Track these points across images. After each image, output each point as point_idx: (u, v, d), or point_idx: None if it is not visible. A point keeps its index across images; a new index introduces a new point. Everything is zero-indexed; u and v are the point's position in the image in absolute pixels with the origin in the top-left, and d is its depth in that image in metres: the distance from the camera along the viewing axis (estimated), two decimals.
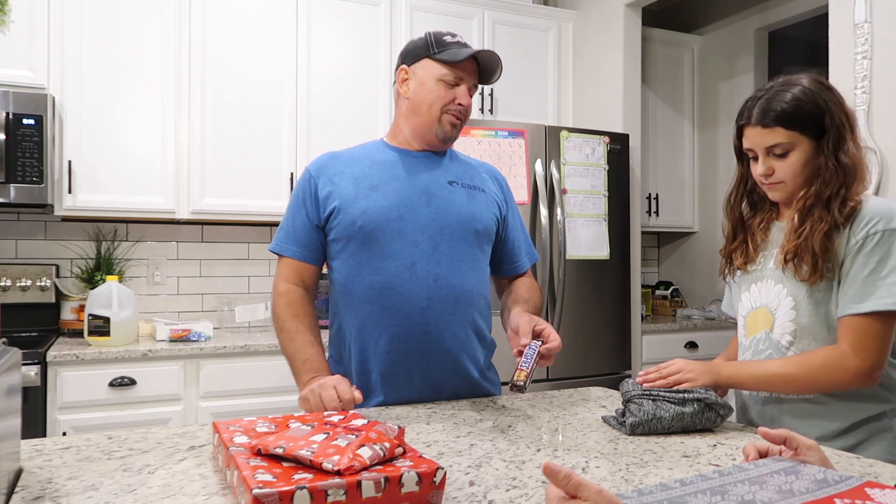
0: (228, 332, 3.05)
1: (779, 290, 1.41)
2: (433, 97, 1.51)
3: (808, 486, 0.88)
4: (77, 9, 2.73)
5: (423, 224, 1.51)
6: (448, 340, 1.51)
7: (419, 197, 1.52)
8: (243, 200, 2.99)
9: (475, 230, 1.56)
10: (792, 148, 1.37)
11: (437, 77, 1.51)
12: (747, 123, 1.42)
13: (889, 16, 2.20)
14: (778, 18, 3.67)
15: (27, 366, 2.34)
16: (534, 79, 3.60)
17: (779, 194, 1.43)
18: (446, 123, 1.52)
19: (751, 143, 1.42)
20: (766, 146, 1.39)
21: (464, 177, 1.60)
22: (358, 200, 1.50)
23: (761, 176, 1.41)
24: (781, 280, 1.41)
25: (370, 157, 1.58)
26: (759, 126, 1.39)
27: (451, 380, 1.53)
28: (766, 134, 1.38)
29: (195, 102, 2.91)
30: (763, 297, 1.45)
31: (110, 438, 1.18)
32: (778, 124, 1.37)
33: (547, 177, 3.12)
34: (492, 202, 1.61)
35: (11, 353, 0.94)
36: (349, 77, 3.17)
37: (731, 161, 3.85)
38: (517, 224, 1.70)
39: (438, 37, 1.53)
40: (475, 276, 1.56)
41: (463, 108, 1.53)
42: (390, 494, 0.80)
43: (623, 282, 3.29)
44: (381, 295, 1.49)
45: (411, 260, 1.49)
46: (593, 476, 0.99)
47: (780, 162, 1.39)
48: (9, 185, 2.52)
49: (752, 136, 1.41)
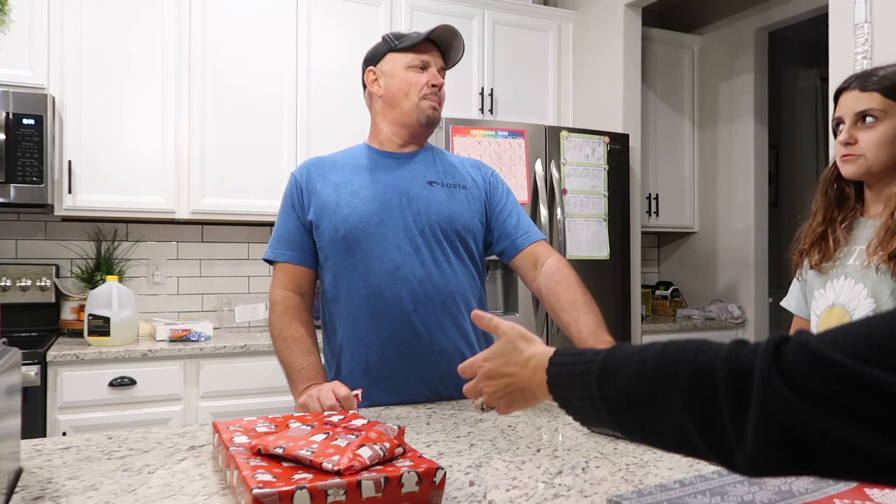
0: (228, 332, 3.05)
1: (859, 290, 1.35)
2: (406, 85, 1.53)
3: (808, 486, 0.88)
4: (77, 9, 2.73)
5: (403, 227, 1.50)
6: (440, 342, 1.50)
7: (398, 200, 1.52)
8: (243, 200, 2.99)
9: (456, 230, 1.54)
10: (883, 118, 1.31)
11: (404, 65, 1.54)
12: (846, 88, 1.36)
13: (889, 16, 2.20)
14: (778, 18, 3.66)
15: (27, 366, 2.34)
16: (534, 79, 3.60)
17: (853, 168, 1.35)
18: (426, 107, 1.53)
19: (842, 110, 1.35)
20: (857, 110, 1.33)
21: (444, 176, 1.58)
22: (339, 208, 1.50)
23: (841, 144, 1.35)
24: (864, 279, 1.34)
25: (352, 161, 1.58)
26: (856, 90, 1.33)
27: (447, 382, 1.52)
28: (860, 98, 1.32)
29: (195, 102, 2.91)
30: (839, 295, 1.39)
31: (110, 438, 1.18)
32: (876, 89, 1.31)
33: (547, 177, 3.12)
34: (473, 198, 1.59)
35: (11, 353, 0.94)
36: (349, 79, 3.17)
37: (731, 161, 3.86)
38: (513, 207, 1.63)
39: (396, 33, 1.58)
40: (461, 276, 1.54)
41: (436, 88, 1.54)
42: (390, 494, 0.80)
43: (623, 282, 3.29)
44: (367, 301, 1.48)
45: (394, 264, 1.48)
46: (593, 476, 0.99)
47: (866, 132, 1.32)
48: (9, 185, 2.52)
49: (845, 102, 1.35)
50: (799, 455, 0.52)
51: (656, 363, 0.62)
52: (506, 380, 0.85)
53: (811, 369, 0.51)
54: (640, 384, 0.63)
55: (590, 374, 0.69)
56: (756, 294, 3.76)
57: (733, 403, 0.55)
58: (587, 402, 0.69)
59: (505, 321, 0.92)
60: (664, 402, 0.60)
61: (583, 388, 0.70)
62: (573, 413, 0.73)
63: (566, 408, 0.74)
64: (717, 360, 0.57)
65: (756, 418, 0.53)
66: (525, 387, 0.82)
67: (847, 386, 0.49)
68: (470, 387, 0.92)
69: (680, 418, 0.59)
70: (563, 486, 0.95)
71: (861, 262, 1.36)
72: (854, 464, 0.50)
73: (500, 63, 3.50)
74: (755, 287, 3.76)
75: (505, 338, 0.88)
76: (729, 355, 0.57)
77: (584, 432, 1.24)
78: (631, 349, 0.67)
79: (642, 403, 0.62)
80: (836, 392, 0.49)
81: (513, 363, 0.84)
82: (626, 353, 0.67)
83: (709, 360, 0.58)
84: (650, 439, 0.64)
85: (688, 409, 0.58)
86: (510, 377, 0.85)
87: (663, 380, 0.60)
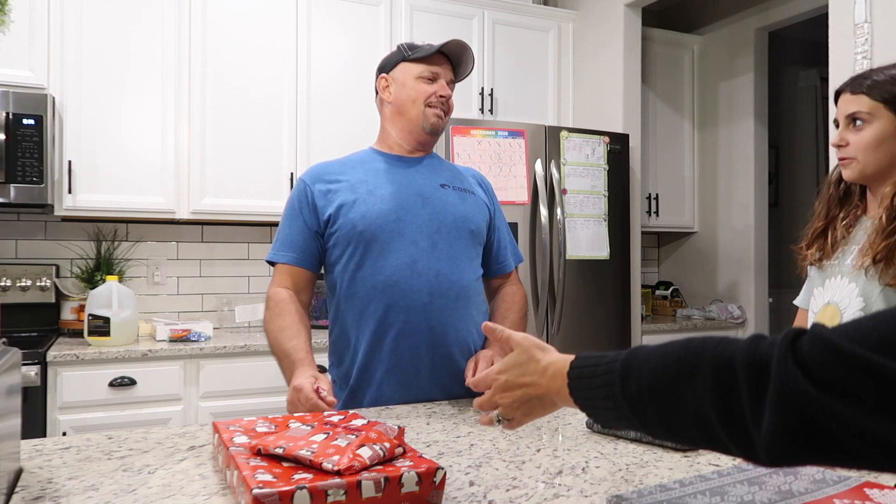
0: (228, 332, 3.05)
1: (851, 289, 1.37)
2: (415, 94, 1.58)
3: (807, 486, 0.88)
4: (77, 9, 2.73)
5: (420, 224, 1.55)
6: (451, 335, 1.54)
7: (415, 199, 1.57)
8: (243, 200, 2.99)
9: (469, 230, 1.61)
10: (870, 120, 1.33)
11: (415, 75, 1.59)
12: (843, 90, 1.39)
13: (889, 16, 2.20)
14: (778, 18, 3.66)
15: (27, 366, 2.34)
16: (534, 79, 3.60)
17: (849, 172, 1.38)
18: (431, 115, 1.59)
19: (837, 113, 1.39)
20: (847, 113, 1.36)
21: (454, 180, 1.66)
22: (357, 205, 1.54)
23: (834, 145, 1.38)
24: (856, 279, 1.36)
25: (364, 164, 1.63)
26: (848, 92, 1.37)
27: (458, 377, 1.54)
28: (851, 100, 1.36)
29: (195, 102, 2.91)
30: (833, 293, 1.41)
31: (110, 438, 1.18)
32: (864, 92, 1.34)
33: (547, 177, 3.12)
34: (481, 205, 1.67)
35: (11, 353, 0.94)
36: (349, 79, 3.17)
37: (731, 161, 3.86)
38: (503, 226, 1.76)
39: (411, 44, 1.62)
40: (472, 273, 1.61)
41: (444, 99, 1.59)
42: (390, 494, 0.80)
43: (623, 282, 3.29)
44: (383, 293, 1.51)
45: (412, 258, 1.52)
46: (593, 476, 0.99)
47: (855, 135, 1.35)
48: (9, 185, 2.52)
49: (840, 105, 1.38)
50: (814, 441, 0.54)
51: (678, 355, 0.65)
52: (523, 390, 0.85)
53: (824, 358, 0.54)
54: (663, 376, 0.65)
55: (612, 372, 0.71)
56: (756, 294, 3.76)
57: (752, 391, 0.57)
58: (608, 400, 0.72)
59: (518, 332, 0.92)
60: (687, 390, 0.63)
61: (605, 388, 0.72)
62: (594, 414, 0.75)
63: (587, 409, 0.76)
64: (738, 350, 0.60)
65: (772, 405, 0.55)
66: (544, 394, 0.83)
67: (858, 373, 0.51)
68: (484, 400, 0.91)
69: (701, 407, 0.61)
70: (563, 486, 0.95)
71: (855, 262, 1.37)
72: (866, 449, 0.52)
73: (500, 63, 3.50)
74: (755, 287, 3.76)
75: (519, 349, 0.88)
76: (749, 346, 0.60)
77: (584, 432, 1.24)
78: (652, 347, 0.70)
79: (665, 395, 0.65)
80: (848, 379, 0.52)
81: (530, 373, 0.85)
82: (648, 350, 0.70)
83: (729, 350, 0.61)
84: (671, 431, 0.66)
85: (709, 396, 0.60)
86: (528, 387, 0.85)
87: (685, 370, 0.63)
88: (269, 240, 3.36)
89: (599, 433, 1.23)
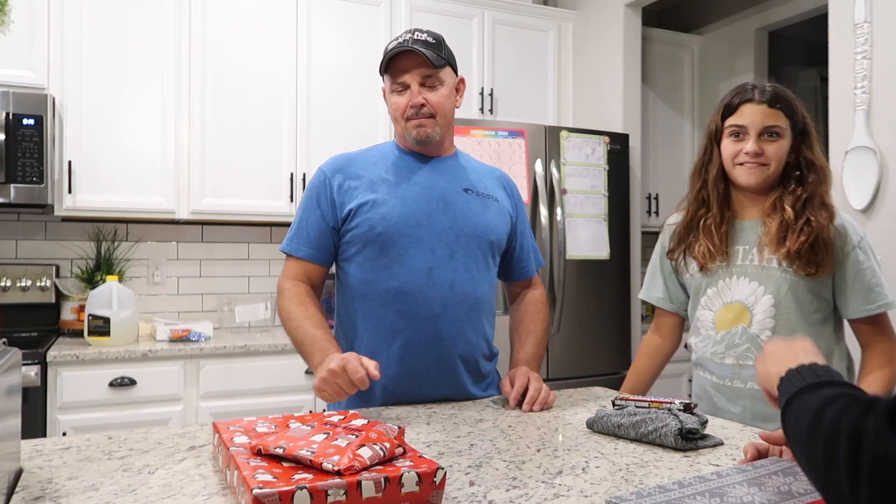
0: (228, 333, 3.05)
1: (754, 287, 1.49)
2: (393, 109, 1.53)
3: (807, 487, 0.88)
4: (77, 9, 2.73)
5: (439, 231, 1.51)
6: (460, 346, 1.52)
7: (436, 204, 1.52)
8: (243, 200, 2.99)
9: (489, 241, 1.56)
10: (784, 134, 1.47)
11: (389, 90, 1.53)
12: (750, 100, 1.48)
13: (889, 16, 2.20)
14: (778, 18, 3.66)
15: (27, 366, 2.34)
16: (534, 79, 3.60)
17: (756, 177, 1.48)
18: (412, 129, 1.51)
19: (748, 120, 1.47)
20: (765, 125, 1.46)
21: (478, 185, 1.60)
22: (377, 206, 1.50)
23: (750, 154, 1.47)
24: (759, 276, 1.48)
25: (386, 160, 1.57)
26: (764, 104, 1.46)
27: (461, 389, 1.54)
28: (769, 114, 1.46)
29: (195, 102, 2.91)
30: (735, 292, 1.52)
31: (110, 438, 1.18)
32: (781, 107, 1.46)
33: (547, 177, 3.12)
34: (504, 212, 1.62)
35: (11, 353, 0.94)
36: (349, 79, 3.17)
37: None
38: (526, 229, 1.71)
39: (387, 49, 1.51)
40: (487, 285, 1.58)
41: (416, 107, 1.48)
42: (390, 494, 0.80)
43: (623, 281, 3.29)
44: (396, 299, 1.48)
45: (428, 266, 1.49)
46: (593, 476, 0.99)
47: (770, 145, 1.47)
48: (9, 185, 2.52)
49: (751, 114, 1.47)
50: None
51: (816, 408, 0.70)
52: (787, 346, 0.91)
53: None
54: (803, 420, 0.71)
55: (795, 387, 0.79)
56: None
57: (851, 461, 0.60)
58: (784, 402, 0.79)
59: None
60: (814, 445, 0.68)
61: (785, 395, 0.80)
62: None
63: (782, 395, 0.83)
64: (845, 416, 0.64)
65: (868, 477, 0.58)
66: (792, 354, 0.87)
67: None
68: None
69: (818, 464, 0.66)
70: (563, 486, 0.95)
71: (753, 261, 1.50)
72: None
73: (500, 63, 3.50)
74: None
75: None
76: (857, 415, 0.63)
77: (584, 432, 1.24)
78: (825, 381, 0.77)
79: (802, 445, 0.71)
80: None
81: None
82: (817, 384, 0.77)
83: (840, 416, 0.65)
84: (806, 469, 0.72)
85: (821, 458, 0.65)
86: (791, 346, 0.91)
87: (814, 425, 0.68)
88: (269, 240, 3.36)
89: (599, 433, 1.23)
